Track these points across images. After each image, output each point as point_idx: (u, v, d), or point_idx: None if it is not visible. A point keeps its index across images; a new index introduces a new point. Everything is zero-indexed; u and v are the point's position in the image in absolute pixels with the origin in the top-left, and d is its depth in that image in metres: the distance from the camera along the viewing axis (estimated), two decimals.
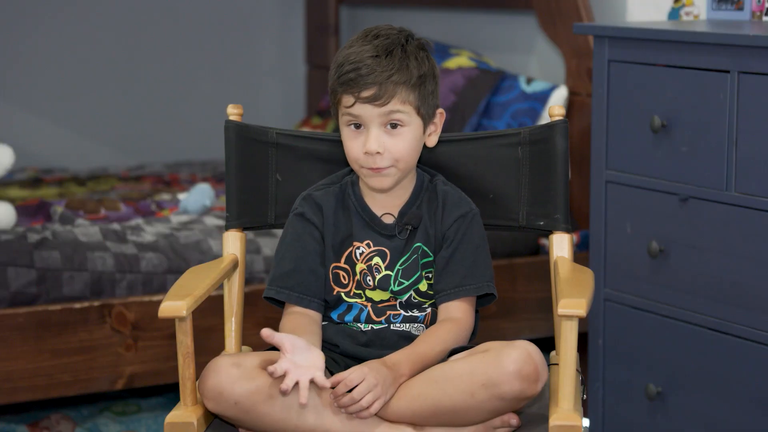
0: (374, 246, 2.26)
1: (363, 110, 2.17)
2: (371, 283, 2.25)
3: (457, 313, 2.22)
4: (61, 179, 4.28)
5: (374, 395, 2.06)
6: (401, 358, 2.14)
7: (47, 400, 3.54)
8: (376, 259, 2.25)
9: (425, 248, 2.26)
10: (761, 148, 2.67)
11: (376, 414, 2.09)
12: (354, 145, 2.20)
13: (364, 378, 2.06)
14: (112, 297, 3.23)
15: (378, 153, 2.18)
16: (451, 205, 2.26)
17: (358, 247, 2.26)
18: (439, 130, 2.28)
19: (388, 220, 2.27)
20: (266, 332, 2.06)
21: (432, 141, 2.28)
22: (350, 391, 2.06)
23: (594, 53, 3.01)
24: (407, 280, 2.25)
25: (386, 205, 2.27)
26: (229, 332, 2.36)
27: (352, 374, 2.06)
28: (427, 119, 2.24)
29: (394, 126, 2.19)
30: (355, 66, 2.16)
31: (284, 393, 2.05)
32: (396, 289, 2.25)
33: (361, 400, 2.05)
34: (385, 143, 2.18)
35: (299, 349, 2.07)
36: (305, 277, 2.24)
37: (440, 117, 2.28)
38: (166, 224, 3.50)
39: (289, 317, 2.24)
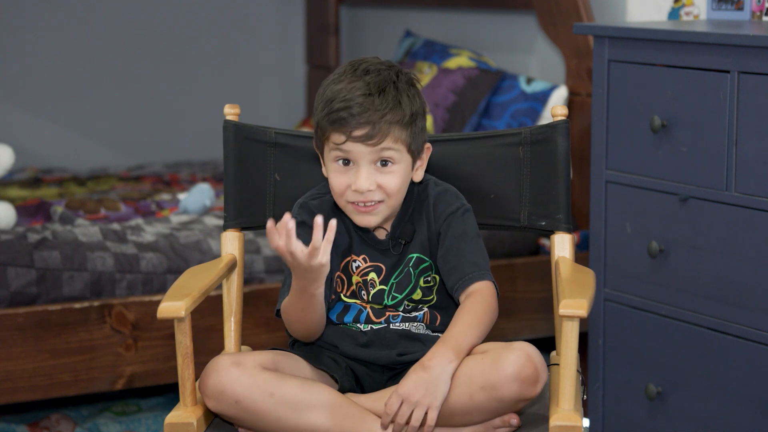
0: (370, 261, 2.25)
1: (354, 148, 2.15)
2: (365, 297, 2.25)
3: (475, 289, 2.18)
4: (61, 179, 4.27)
5: (421, 409, 2.04)
6: (439, 349, 2.09)
7: (47, 400, 3.54)
8: (372, 275, 2.25)
9: (421, 255, 2.25)
10: (761, 148, 2.67)
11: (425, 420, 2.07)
12: (342, 181, 2.17)
13: (402, 399, 2.05)
14: (112, 297, 3.23)
15: (369, 190, 2.16)
16: (442, 204, 2.25)
17: (355, 260, 2.25)
18: (425, 164, 2.26)
19: (381, 234, 2.26)
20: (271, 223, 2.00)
21: (418, 176, 2.25)
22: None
23: (594, 53, 3.01)
24: (400, 294, 2.24)
25: None
26: (229, 332, 2.36)
27: (390, 401, 2.05)
28: (416, 156, 2.22)
29: (384, 163, 2.17)
30: (347, 104, 2.13)
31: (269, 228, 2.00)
32: (390, 303, 2.25)
33: (411, 421, 2.04)
34: (377, 180, 2.16)
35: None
36: None
37: (427, 152, 2.26)
38: (166, 224, 3.50)
39: None
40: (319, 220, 1.99)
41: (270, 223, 1.99)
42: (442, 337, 2.13)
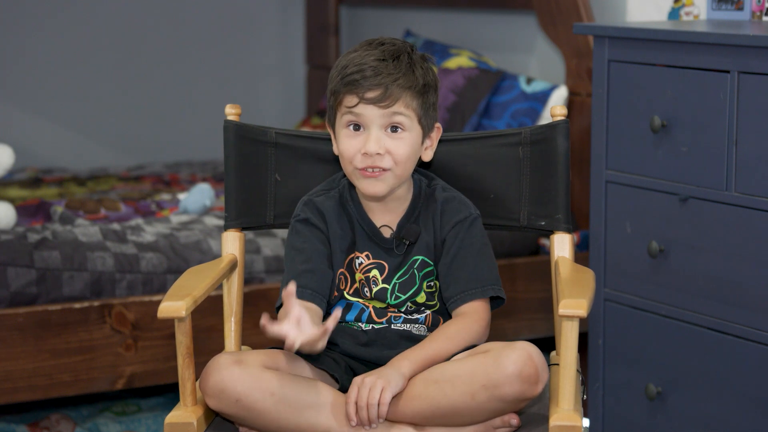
0: (373, 258, 2.25)
1: (366, 110, 2.16)
2: (368, 294, 2.25)
3: (467, 310, 2.21)
4: (61, 179, 4.27)
5: (377, 389, 2.06)
6: (399, 355, 2.14)
7: (47, 400, 3.54)
8: (374, 272, 2.25)
9: (426, 259, 2.25)
10: (761, 148, 2.67)
11: (390, 406, 2.09)
12: (352, 145, 2.18)
13: (358, 386, 2.08)
14: (112, 297, 3.23)
15: (378, 154, 2.17)
16: (450, 211, 2.25)
17: (358, 257, 2.25)
18: (435, 144, 2.27)
19: (387, 233, 2.26)
20: (266, 320, 1.98)
21: (428, 155, 2.27)
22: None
23: (594, 53, 3.01)
24: (404, 294, 2.24)
25: (385, 217, 2.26)
26: (229, 332, 2.36)
27: (348, 392, 2.09)
28: (426, 130, 2.23)
29: (394, 129, 2.18)
30: (361, 68, 2.16)
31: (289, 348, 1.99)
32: (393, 302, 2.25)
33: (368, 399, 2.06)
34: (386, 145, 2.17)
35: (305, 324, 2.01)
36: (317, 276, 2.22)
37: (437, 132, 2.27)
38: (166, 224, 3.50)
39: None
40: (291, 287, 1.98)
41: (264, 319, 1.98)
42: (410, 349, 2.15)
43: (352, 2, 4.95)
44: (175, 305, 2.05)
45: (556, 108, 2.35)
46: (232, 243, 2.39)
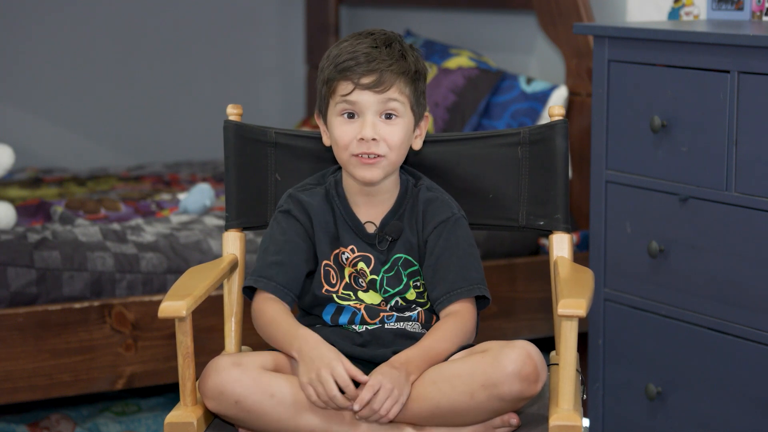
0: (359, 251, 2.25)
1: (361, 96, 2.17)
2: (363, 284, 2.25)
3: (455, 309, 2.21)
4: (61, 179, 4.28)
5: (392, 400, 2.05)
6: (410, 355, 2.13)
7: (47, 400, 3.54)
8: (361, 265, 2.24)
9: (409, 257, 2.25)
10: (761, 148, 2.67)
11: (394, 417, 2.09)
12: (347, 131, 2.18)
13: (381, 385, 2.06)
14: (112, 297, 3.23)
15: (374, 140, 2.17)
16: (432, 212, 2.25)
17: (344, 252, 2.25)
18: (424, 134, 2.28)
19: (371, 228, 2.26)
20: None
21: (417, 144, 2.27)
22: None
23: (594, 53, 3.01)
24: (392, 289, 2.24)
25: (370, 213, 2.26)
26: (229, 332, 2.36)
27: (365, 391, 2.06)
28: (417, 118, 2.24)
29: (388, 116, 2.19)
30: (354, 55, 2.17)
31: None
32: (383, 295, 2.25)
33: (380, 408, 2.05)
34: (381, 131, 2.18)
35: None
36: (284, 269, 2.22)
37: (425, 121, 2.28)
38: (166, 224, 3.50)
39: (267, 303, 2.21)
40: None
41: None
42: (415, 346, 2.15)
43: (352, 2, 4.95)
44: (175, 305, 2.05)
45: (554, 108, 2.35)
46: (232, 243, 2.39)
